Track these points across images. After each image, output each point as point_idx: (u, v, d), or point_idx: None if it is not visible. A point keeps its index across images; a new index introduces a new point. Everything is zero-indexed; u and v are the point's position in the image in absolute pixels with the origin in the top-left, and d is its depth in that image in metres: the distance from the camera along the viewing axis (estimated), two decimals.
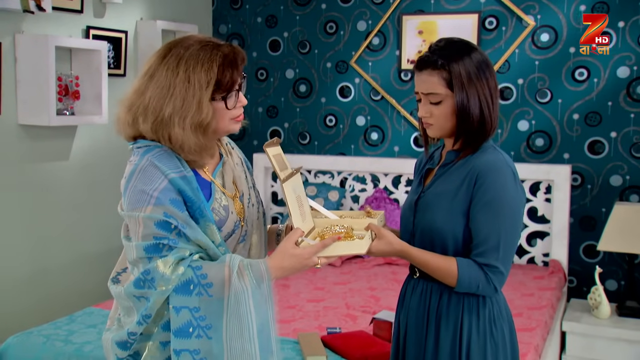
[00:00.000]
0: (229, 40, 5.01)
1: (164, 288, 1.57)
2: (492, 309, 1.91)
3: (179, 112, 1.64)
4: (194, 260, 1.62)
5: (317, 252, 1.67)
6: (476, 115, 1.85)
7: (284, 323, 3.00)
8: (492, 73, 1.89)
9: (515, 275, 3.90)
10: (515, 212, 1.84)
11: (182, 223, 1.61)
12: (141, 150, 1.69)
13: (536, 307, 3.37)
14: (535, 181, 4.25)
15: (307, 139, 4.86)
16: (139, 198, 1.62)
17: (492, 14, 4.36)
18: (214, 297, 1.58)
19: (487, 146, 1.90)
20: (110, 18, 4.12)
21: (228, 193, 1.80)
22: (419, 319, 1.96)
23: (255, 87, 4.97)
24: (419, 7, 4.50)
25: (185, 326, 1.57)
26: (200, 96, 1.64)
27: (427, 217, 1.91)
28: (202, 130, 1.67)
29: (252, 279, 1.61)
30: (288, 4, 4.82)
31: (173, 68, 1.65)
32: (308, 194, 4.39)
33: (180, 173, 1.66)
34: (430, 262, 1.85)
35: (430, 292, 1.94)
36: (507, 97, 4.37)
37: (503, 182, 1.82)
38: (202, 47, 1.68)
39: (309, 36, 4.79)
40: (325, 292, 3.49)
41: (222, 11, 5.02)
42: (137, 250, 1.61)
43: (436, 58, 1.84)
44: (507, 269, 1.84)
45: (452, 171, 1.92)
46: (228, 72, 1.67)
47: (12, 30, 3.50)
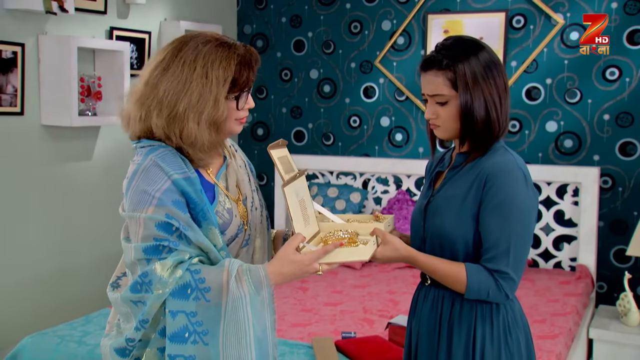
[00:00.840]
0: (253, 40, 4.99)
1: (160, 291, 1.54)
2: (507, 317, 1.84)
3: (194, 107, 1.61)
4: (192, 263, 1.58)
5: (318, 259, 1.62)
6: (481, 117, 1.78)
7: (299, 326, 2.96)
8: (500, 73, 1.82)
9: (540, 280, 3.80)
10: (526, 216, 1.77)
11: (184, 225, 1.58)
12: (145, 150, 1.66)
13: (560, 313, 3.27)
14: (562, 183, 4.14)
15: (331, 140, 4.82)
16: (140, 198, 1.59)
17: (520, 12, 4.26)
18: (212, 302, 1.55)
19: (497, 147, 1.84)
20: (133, 19, 4.14)
21: (231, 196, 1.76)
22: (431, 327, 1.90)
23: (279, 88, 4.94)
24: (444, 6, 4.42)
25: (181, 331, 1.54)
26: (217, 93, 1.62)
27: (437, 221, 1.85)
28: (216, 127, 1.65)
29: (250, 285, 1.57)
30: (312, 3, 4.79)
31: (190, 62, 1.62)
32: (329, 195, 4.36)
33: (184, 174, 1.63)
34: (438, 268, 1.80)
35: (442, 299, 1.88)
36: (534, 98, 4.27)
37: (513, 184, 1.75)
38: (219, 44, 1.65)
39: (334, 36, 4.75)
40: (344, 295, 3.44)
41: (247, 11, 5.00)
42: (136, 252, 1.58)
43: (441, 58, 1.78)
44: (518, 275, 1.77)
45: (461, 174, 1.86)
46: (245, 72, 1.66)
47: (36, 31, 3.53)
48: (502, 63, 1.85)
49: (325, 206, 4.40)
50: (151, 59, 1.72)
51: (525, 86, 4.29)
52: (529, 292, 3.59)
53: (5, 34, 3.38)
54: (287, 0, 4.87)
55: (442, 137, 1.87)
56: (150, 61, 1.71)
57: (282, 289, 3.55)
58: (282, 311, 3.19)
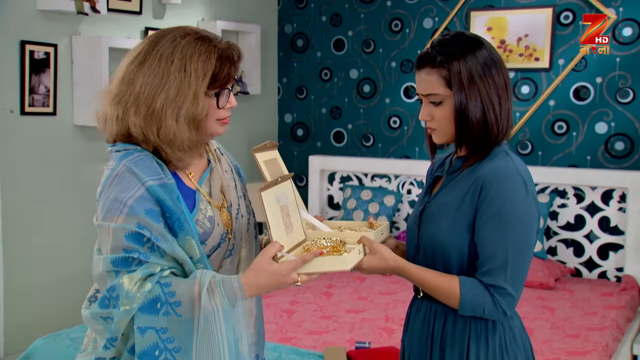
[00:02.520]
0: (293, 40, 4.93)
1: (128, 307, 1.44)
2: (504, 335, 1.68)
3: (172, 102, 1.51)
4: (163, 276, 1.47)
5: (295, 269, 1.49)
6: (477, 118, 1.65)
7: (316, 334, 2.88)
8: (500, 72, 1.68)
9: (580, 290, 3.59)
10: (525, 227, 1.61)
11: (157, 235, 1.47)
12: (119, 155, 1.56)
13: (597, 327, 3.07)
14: (608, 189, 3.90)
15: (370, 141, 4.71)
16: (111, 206, 1.49)
17: (568, 8, 4.05)
18: (183, 316, 1.45)
19: (497, 152, 1.69)
20: (169, 19, 4.15)
21: (214, 203, 1.64)
22: (423, 344, 1.76)
23: (319, 88, 4.87)
24: (488, 3, 4.24)
25: (151, 349, 1.44)
26: (197, 87, 1.52)
27: (430, 229, 1.72)
28: (196, 125, 1.54)
29: (223, 298, 1.47)
30: (353, 2, 4.69)
31: (167, 56, 1.52)
32: (362, 198, 4.25)
33: (160, 180, 1.51)
34: (430, 281, 1.66)
35: (435, 314, 1.74)
36: (583, 97, 4.04)
37: (510, 191, 1.60)
38: (199, 37, 1.55)
39: (374, 35, 4.64)
40: (368, 302, 3.33)
41: (288, 10, 4.95)
42: (104, 264, 1.48)
43: (435, 54, 1.66)
44: (517, 291, 1.62)
45: (458, 179, 1.72)
46: (226, 67, 1.56)
47: (69, 32, 3.58)
48: (503, 61, 1.70)
49: (358, 209, 4.30)
50: (127, 54, 1.61)
51: (574, 85, 4.07)
52: (566, 303, 3.39)
53: (38, 35, 3.44)
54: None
55: (439, 141, 1.74)
56: (126, 57, 1.60)
57: (306, 294, 3.48)
58: (301, 317, 3.13)
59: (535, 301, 3.43)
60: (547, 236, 4.05)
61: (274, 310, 3.24)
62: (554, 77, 4.11)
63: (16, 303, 3.41)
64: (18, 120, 3.39)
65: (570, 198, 4.02)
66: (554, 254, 4.08)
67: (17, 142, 3.38)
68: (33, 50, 3.42)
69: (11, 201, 3.36)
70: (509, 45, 4.19)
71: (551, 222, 4.04)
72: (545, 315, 3.23)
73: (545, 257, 3.85)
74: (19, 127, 3.39)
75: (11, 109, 3.36)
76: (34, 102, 3.44)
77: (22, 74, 3.38)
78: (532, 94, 4.19)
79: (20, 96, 3.38)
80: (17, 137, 3.38)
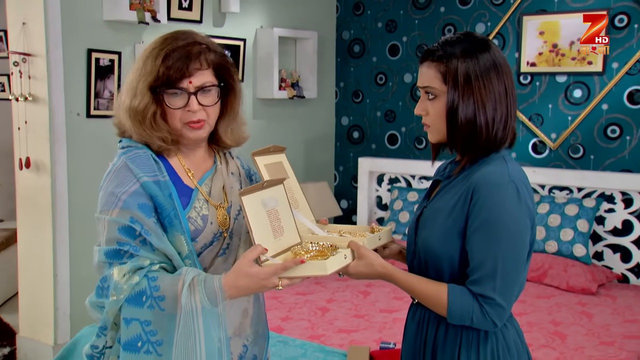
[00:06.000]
0: (350, 45, 5.06)
1: (115, 297, 1.50)
2: (496, 346, 1.65)
3: (124, 95, 1.62)
4: (152, 270, 1.52)
5: (275, 273, 1.49)
6: (467, 119, 1.63)
7: (344, 332, 2.98)
8: (502, 77, 1.66)
9: (624, 297, 3.53)
10: (515, 236, 1.58)
11: (147, 230, 1.53)
12: (121, 151, 1.66)
13: (635, 335, 3.03)
14: None
15: (423, 144, 4.78)
16: (107, 200, 1.57)
17: (623, 11, 3.98)
18: (166, 311, 1.49)
19: (495, 157, 1.67)
20: (229, 27, 4.37)
21: (212, 202, 1.68)
22: (416, 350, 1.76)
23: (374, 92, 4.98)
24: (541, 7, 4.23)
25: (134, 340, 1.49)
26: (138, 82, 1.59)
27: (424, 235, 1.71)
28: (141, 117, 1.60)
29: (203, 297, 1.49)
30: (408, 8, 4.77)
31: (139, 56, 1.63)
32: (409, 199, 4.32)
33: (154, 177, 1.59)
34: (417, 287, 1.65)
35: (428, 321, 1.73)
36: (637, 101, 3.97)
37: (501, 199, 1.57)
38: (167, 37, 1.62)
39: (427, 40, 4.70)
40: (404, 302, 3.40)
41: (346, 17, 5.08)
42: (99, 255, 1.55)
43: (437, 49, 1.68)
44: (507, 302, 1.58)
45: (452, 185, 1.70)
46: (167, 64, 1.57)
47: (132, 40, 3.85)
48: (508, 68, 1.69)
49: (404, 210, 4.37)
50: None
51: (628, 89, 4.00)
52: (605, 309, 3.35)
53: (103, 44, 3.72)
54: (383, 5, 4.89)
55: (433, 139, 1.74)
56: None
57: (344, 292, 3.58)
58: (334, 316, 3.22)
59: (575, 306, 3.40)
60: (594, 241, 4.01)
61: (310, 308, 3.36)
62: (607, 81, 4.05)
63: (81, 292, 3.69)
64: (84, 123, 3.68)
65: (618, 203, 3.95)
66: (600, 259, 4.02)
67: (83, 142, 3.68)
68: (99, 58, 3.70)
69: (77, 198, 3.65)
70: (561, 49, 4.16)
71: (597, 227, 3.99)
72: (582, 321, 3.21)
73: (589, 262, 3.80)
74: (85, 128, 3.68)
75: (78, 112, 3.65)
76: (98, 106, 3.73)
77: (88, 80, 3.67)
78: (584, 98, 4.14)
79: (86, 100, 3.67)
80: (83, 138, 3.68)
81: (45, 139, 3.56)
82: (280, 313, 3.27)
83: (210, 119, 1.66)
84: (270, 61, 4.51)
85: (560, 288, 3.65)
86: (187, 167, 1.70)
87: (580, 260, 3.76)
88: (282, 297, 3.52)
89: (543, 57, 4.22)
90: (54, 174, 3.57)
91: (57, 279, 3.62)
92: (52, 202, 3.58)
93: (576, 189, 4.08)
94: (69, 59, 3.59)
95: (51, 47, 3.52)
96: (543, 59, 4.22)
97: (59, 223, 3.61)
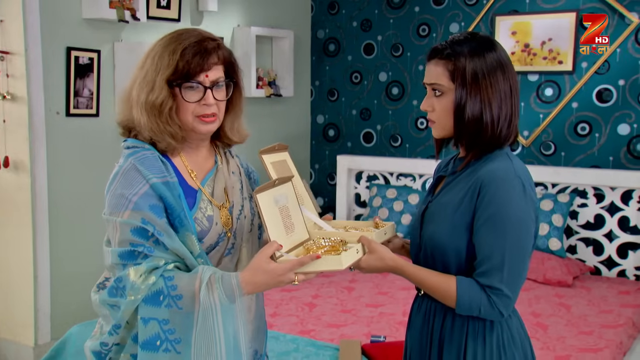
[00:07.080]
0: (325, 44, 5.11)
1: (132, 297, 1.52)
2: (502, 335, 1.72)
3: (137, 90, 1.62)
4: (167, 269, 1.55)
5: (292, 269, 1.54)
6: (473, 116, 1.68)
7: (334, 327, 3.03)
8: (507, 76, 1.72)
9: (598, 289, 3.66)
10: (521, 229, 1.65)
11: (160, 230, 1.55)
12: (127, 152, 1.65)
13: (612, 325, 3.15)
14: (628, 189, 3.97)
15: (398, 142, 4.86)
16: (117, 202, 1.57)
17: (592, 12, 4.11)
18: (184, 309, 1.52)
19: (499, 154, 1.73)
20: (206, 26, 4.37)
21: (215, 202, 1.71)
22: (423, 341, 1.81)
23: (349, 90, 5.04)
24: (513, 7, 4.34)
25: (152, 339, 1.51)
26: (156, 76, 1.60)
27: (430, 229, 1.76)
28: (157, 112, 1.60)
29: (222, 294, 1.53)
30: (382, 7, 4.84)
31: (150, 52, 1.64)
32: (388, 197, 4.39)
33: (163, 178, 1.60)
34: (427, 280, 1.70)
35: (434, 312, 1.78)
36: (606, 100, 4.11)
37: (508, 193, 1.64)
38: (177, 34, 1.64)
39: (402, 39, 4.78)
40: (388, 297, 3.47)
41: (320, 16, 5.13)
42: (113, 256, 1.57)
43: (445, 47, 1.72)
44: (514, 292, 1.65)
45: (458, 180, 1.75)
46: (186, 58, 1.60)
47: (112, 39, 3.83)
48: (512, 67, 1.74)
49: (383, 207, 4.45)
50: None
51: (596, 88, 4.14)
52: (581, 301, 3.47)
53: (82, 42, 3.68)
54: (358, 5, 4.95)
55: (438, 135, 1.79)
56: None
57: (330, 287, 3.64)
58: (321, 311, 3.27)
59: (553, 298, 3.52)
60: (567, 235, 4.14)
61: (296, 304, 3.40)
62: (577, 80, 4.19)
63: (62, 292, 3.66)
64: (64, 121, 3.65)
65: (590, 198, 4.10)
66: (574, 253, 4.16)
67: (62, 141, 3.64)
68: (78, 56, 3.67)
69: (57, 197, 3.62)
70: (533, 49, 4.28)
71: (571, 221, 4.13)
72: (560, 312, 3.32)
73: (564, 255, 3.93)
74: (64, 127, 3.65)
75: (57, 111, 3.62)
76: (78, 104, 3.70)
77: (67, 78, 3.63)
78: (555, 96, 4.27)
79: (65, 99, 3.64)
80: (62, 137, 3.64)
81: (25, 138, 3.52)
82: (267, 309, 3.30)
83: (221, 114, 1.70)
84: (248, 60, 4.52)
85: (537, 281, 3.77)
86: (189, 167, 1.72)
87: (555, 253, 3.89)
88: (268, 293, 3.54)
89: (515, 57, 4.34)
90: (33, 174, 3.53)
91: (38, 280, 3.58)
92: (31, 201, 3.54)
93: (550, 184, 4.21)
94: (48, 57, 3.55)
95: (30, 45, 3.47)
96: (515, 59, 4.33)
97: (38, 223, 3.57)
